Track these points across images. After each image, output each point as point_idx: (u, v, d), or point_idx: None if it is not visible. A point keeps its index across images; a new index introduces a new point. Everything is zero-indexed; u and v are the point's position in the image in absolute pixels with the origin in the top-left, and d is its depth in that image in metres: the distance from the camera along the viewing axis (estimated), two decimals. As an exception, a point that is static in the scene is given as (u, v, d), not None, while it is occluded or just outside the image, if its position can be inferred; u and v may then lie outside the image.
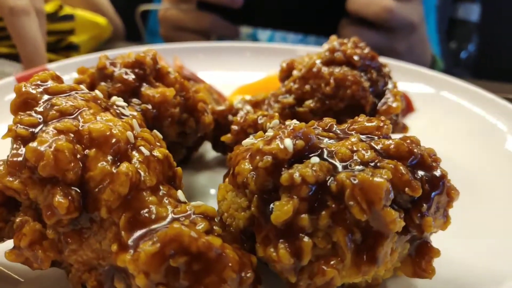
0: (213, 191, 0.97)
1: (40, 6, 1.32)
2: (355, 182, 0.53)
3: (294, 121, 0.82)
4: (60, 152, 0.54)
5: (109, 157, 0.57)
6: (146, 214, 0.56)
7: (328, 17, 1.84)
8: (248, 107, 1.00)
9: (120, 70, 0.84)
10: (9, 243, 0.62)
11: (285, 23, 1.89)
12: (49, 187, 0.55)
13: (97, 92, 0.69)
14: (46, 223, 0.59)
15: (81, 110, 0.61)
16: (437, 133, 1.04)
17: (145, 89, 0.83)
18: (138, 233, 0.54)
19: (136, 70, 0.84)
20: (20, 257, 0.59)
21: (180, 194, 0.62)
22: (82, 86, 0.68)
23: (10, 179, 0.60)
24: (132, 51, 0.91)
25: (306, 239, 0.52)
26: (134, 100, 0.82)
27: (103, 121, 0.60)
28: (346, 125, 0.67)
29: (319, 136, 0.63)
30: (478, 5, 2.88)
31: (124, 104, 0.71)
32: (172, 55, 1.46)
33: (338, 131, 0.66)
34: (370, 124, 0.65)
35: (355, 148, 0.59)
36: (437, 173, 0.60)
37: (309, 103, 0.94)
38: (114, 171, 0.56)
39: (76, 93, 0.65)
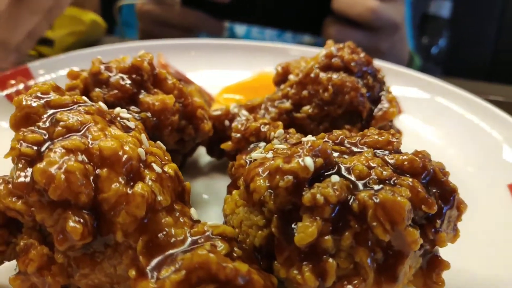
0: (205, 196, 0.96)
1: None
2: (377, 201, 0.53)
3: (297, 133, 0.82)
4: (72, 174, 0.51)
5: (122, 177, 0.54)
6: (164, 237, 0.54)
7: (314, 15, 1.85)
8: (245, 112, 0.98)
9: (116, 75, 0.81)
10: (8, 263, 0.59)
11: (273, 19, 1.88)
12: (59, 210, 0.52)
13: (101, 104, 0.66)
14: (53, 246, 0.56)
15: (88, 126, 0.58)
16: (431, 138, 1.06)
17: (144, 96, 0.80)
18: (158, 258, 0.52)
19: (133, 76, 0.81)
20: (26, 282, 0.56)
21: (193, 211, 0.61)
22: (84, 98, 0.64)
23: (13, 199, 0.56)
24: (126, 56, 0.87)
25: (330, 260, 0.52)
26: (132, 107, 0.79)
27: (112, 138, 0.57)
28: (357, 139, 0.67)
29: (332, 151, 0.63)
30: (449, 1, 2.95)
31: (128, 115, 0.68)
32: (155, 52, 1.41)
33: (349, 145, 0.66)
34: (381, 138, 0.65)
35: (372, 165, 0.59)
36: (448, 188, 0.61)
37: (307, 108, 0.94)
38: (129, 192, 0.53)
39: (79, 105, 0.62)
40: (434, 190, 0.60)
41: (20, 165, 0.54)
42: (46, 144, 0.55)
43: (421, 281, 0.62)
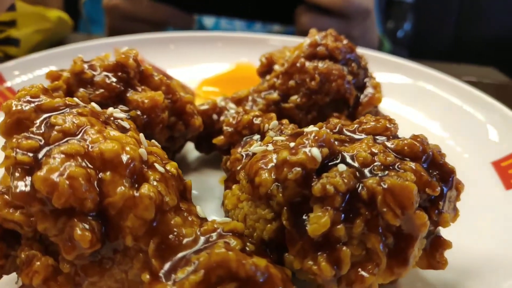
0: (195, 192, 0.94)
1: None
2: (385, 187, 0.54)
3: (291, 124, 0.82)
4: (75, 180, 0.49)
5: (127, 180, 0.53)
6: (175, 238, 0.53)
7: (283, 5, 1.84)
8: (232, 105, 0.97)
9: (100, 74, 0.78)
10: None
11: (243, 10, 1.87)
12: (64, 219, 0.50)
13: (93, 105, 0.63)
14: (56, 256, 0.54)
15: (84, 128, 0.56)
16: (417, 122, 1.08)
17: (132, 94, 0.77)
18: (171, 259, 0.51)
19: (119, 74, 0.78)
20: (31, 295, 0.53)
21: (199, 209, 0.60)
22: (76, 100, 0.62)
23: (10, 210, 0.54)
24: (108, 53, 0.84)
25: (344, 248, 0.52)
26: (120, 106, 0.76)
27: (112, 140, 0.55)
28: (355, 126, 0.67)
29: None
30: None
31: (122, 115, 0.66)
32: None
33: (348, 133, 0.66)
34: (379, 124, 0.66)
35: (374, 151, 0.60)
36: (447, 169, 0.63)
37: (295, 98, 0.94)
38: (136, 194, 0.52)
39: (72, 108, 0.59)
40: (434, 173, 0.61)
41: (17, 174, 0.51)
42: (43, 150, 0.53)
43: (425, 261, 0.64)
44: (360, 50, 1.05)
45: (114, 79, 0.77)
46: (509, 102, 1.10)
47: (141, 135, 0.61)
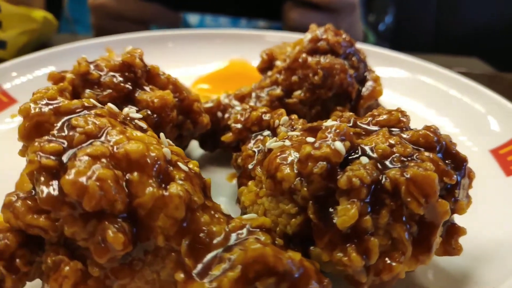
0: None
1: None
2: (408, 177, 0.55)
3: (300, 120, 0.82)
4: (104, 182, 0.49)
5: (154, 179, 0.52)
6: (206, 236, 0.53)
7: (268, 1, 1.85)
8: (236, 102, 0.97)
9: (107, 74, 0.77)
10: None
11: (228, 7, 1.87)
12: (94, 222, 0.50)
13: (110, 105, 0.63)
14: (84, 260, 0.53)
15: (106, 129, 0.55)
16: (416, 113, 1.11)
17: (140, 94, 0.77)
18: (204, 258, 0.51)
19: (126, 74, 0.77)
20: (61, 301, 0.53)
21: (223, 207, 0.60)
22: (92, 101, 0.61)
23: (34, 216, 0.53)
24: (111, 53, 0.83)
25: (372, 238, 0.54)
26: (129, 106, 0.75)
27: (136, 140, 0.54)
28: (369, 119, 0.69)
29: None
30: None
31: (138, 115, 0.66)
32: (121, 47, 1.35)
33: (363, 126, 0.68)
34: (392, 117, 0.67)
35: (392, 142, 0.61)
36: (460, 158, 0.65)
37: (298, 93, 0.94)
38: (166, 193, 0.51)
39: (90, 109, 0.59)
40: (448, 162, 0.63)
41: (42, 179, 0.50)
42: (68, 153, 0.52)
43: (441, 248, 0.66)
44: (358, 45, 1.06)
45: (121, 79, 0.76)
46: (500, 92, 1.13)
47: (162, 134, 0.61)
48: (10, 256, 0.54)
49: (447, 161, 0.63)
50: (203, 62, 1.34)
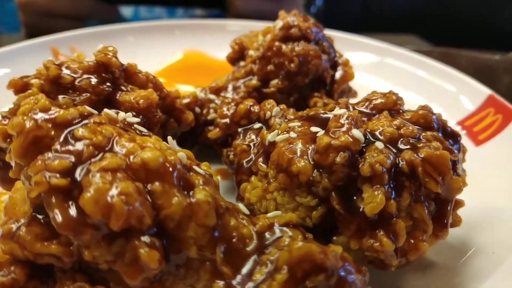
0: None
1: None
2: (422, 158, 0.57)
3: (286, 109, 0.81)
4: (130, 196, 0.44)
5: (177, 187, 0.49)
6: (237, 240, 0.50)
7: None
8: (212, 96, 0.94)
9: (81, 77, 0.70)
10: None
11: None
12: (120, 241, 0.45)
13: (106, 111, 0.57)
14: (107, 283, 0.49)
15: (114, 139, 0.50)
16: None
17: (122, 95, 0.71)
18: (242, 264, 0.49)
19: (103, 75, 0.71)
20: (87, 331, 0.48)
21: (242, 206, 0.58)
22: (88, 108, 0.55)
23: (45, 243, 0.47)
24: (81, 53, 0.75)
25: (399, 221, 0.55)
26: (114, 110, 0.69)
27: (151, 148, 0.50)
28: (366, 104, 0.69)
29: (355, 119, 0.64)
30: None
31: (136, 119, 0.61)
32: (65, 46, 1.24)
33: (363, 111, 0.68)
34: (388, 100, 0.68)
35: (397, 124, 0.62)
36: (455, 134, 0.67)
37: (275, 82, 0.93)
38: (193, 200, 0.48)
39: (87, 117, 0.53)
40: (447, 138, 0.66)
41: (53, 201, 0.45)
42: (79, 170, 0.46)
43: (442, 221, 0.69)
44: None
45: (99, 81, 0.70)
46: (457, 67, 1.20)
47: (169, 138, 0.57)
48: (20, 291, 0.48)
49: (446, 138, 0.66)
50: (161, 55, 1.27)
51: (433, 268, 0.71)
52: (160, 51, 1.26)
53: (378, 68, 1.23)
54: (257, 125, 0.78)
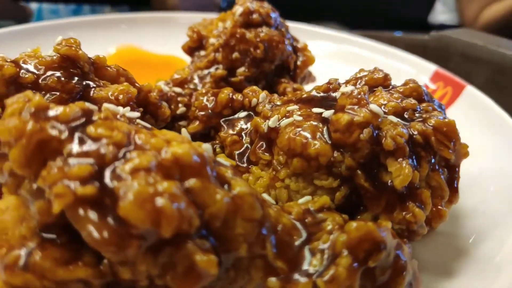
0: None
1: None
2: (433, 128, 0.58)
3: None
4: (177, 198, 0.38)
5: (215, 182, 0.44)
6: (282, 231, 0.46)
7: None
8: (177, 89, 0.87)
9: (46, 74, 0.60)
10: None
11: None
12: (169, 250, 0.39)
13: (106, 105, 0.49)
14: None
15: (133, 135, 0.43)
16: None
17: (96, 91, 0.62)
18: (293, 255, 0.45)
19: (71, 70, 0.61)
20: None
21: (266, 196, 0.54)
22: (87, 104, 0.46)
23: (70, 267, 0.39)
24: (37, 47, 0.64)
25: (425, 191, 0.55)
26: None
27: (178, 142, 0.44)
28: (356, 82, 0.69)
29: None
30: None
31: (136, 114, 0.53)
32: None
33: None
34: (377, 75, 0.69)
35: (396, 97, 0.63)
36: (439, 104, 0.70)
37: (242, 70, 0.89)
38: (234, 193, 0.43)
39: (90, 113, 0.45)
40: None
41: (82, 214, 0.37)
42: (108, 173, 0.39)
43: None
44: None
45: (66, 77, 0.60)
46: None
47: (183, 130, 0.51)
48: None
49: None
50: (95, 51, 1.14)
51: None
52: (96, 48, 1.14)
53: (335, 54, 1.25)
54: (242, 114, 0.74)
